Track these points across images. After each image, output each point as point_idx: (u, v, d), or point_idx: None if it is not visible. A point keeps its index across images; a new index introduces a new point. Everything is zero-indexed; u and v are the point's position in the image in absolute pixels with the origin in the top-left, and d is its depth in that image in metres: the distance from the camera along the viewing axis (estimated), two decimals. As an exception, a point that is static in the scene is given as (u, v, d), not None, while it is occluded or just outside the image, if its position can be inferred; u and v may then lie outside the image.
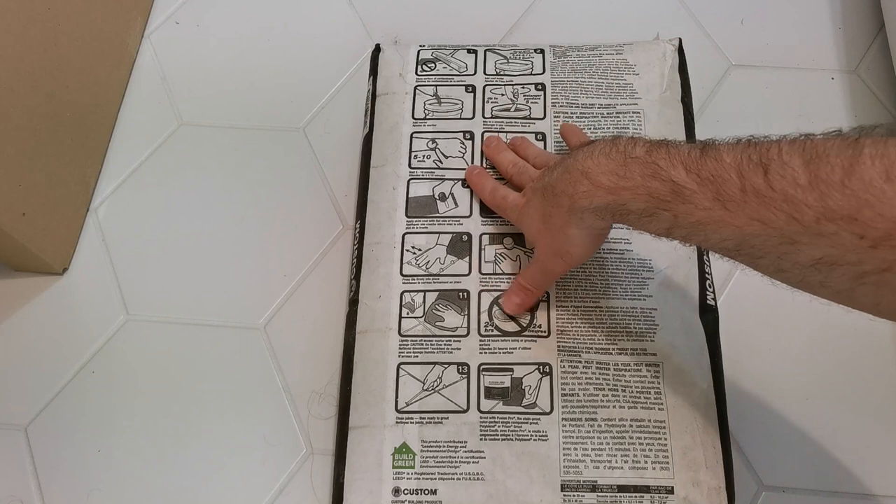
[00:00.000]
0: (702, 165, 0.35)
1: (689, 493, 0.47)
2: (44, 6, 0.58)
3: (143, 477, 0.53)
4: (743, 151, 0.34)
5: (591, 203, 0.41)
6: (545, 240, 0.47)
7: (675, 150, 0.37)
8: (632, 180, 0.38)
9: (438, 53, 0.63)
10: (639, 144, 0.40)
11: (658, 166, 0.37)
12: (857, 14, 0.70)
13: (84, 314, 0.59)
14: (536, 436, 0.49)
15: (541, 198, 0.46)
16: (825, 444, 0.52)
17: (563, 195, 0.43)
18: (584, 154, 0.42)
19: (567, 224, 0.44)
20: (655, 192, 0.37)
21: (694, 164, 0.36)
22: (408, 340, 0.52)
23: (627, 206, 0.39)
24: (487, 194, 0.55)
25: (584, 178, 0.41)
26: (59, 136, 0.60)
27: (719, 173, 0.34)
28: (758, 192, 0.32)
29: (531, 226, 0.48)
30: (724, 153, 0.35)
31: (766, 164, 0.32)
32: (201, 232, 0.62)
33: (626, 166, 0.39)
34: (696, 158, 0.36)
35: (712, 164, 0.35)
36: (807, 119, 0.65)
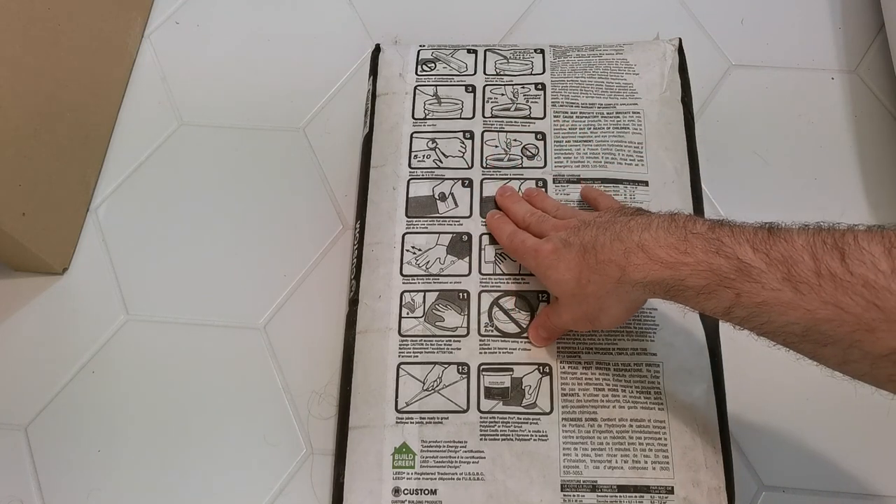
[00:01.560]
0: (771, 245, 0.35)
1: (689, 493, 0.47)
2: (44, 6, 0.58)
3: (143, 477, 0.53)
4: (814, 235, 0.33)
5: (646, 277, 0.39)
6: (577, 303, 0.45)
7: (740, 229, 0.37)
8: (693, 255, 0.37)
9: (438, 53, 0.63)
10: (699, 221, 0.39)
11: (722, 242, 0.36)
12: (857, 14, 0.70)
13: (84, 314, 0.60)
14: (536, 436, 0.49)
15: (578, 257, 0.44)
16: (825, 444, 0.52)
17: (611, 264, 0.41)
18: (640, 225, 0.41)
19: (608, 294, 0.43)
20: (718, 268, 0.36)
21: (762, 243, 0.35)
22: (408, 340, 0.52)
23: (685, 282, 0.37)
24: (506, 237, 0.52)
25: (640, 250, 0.40)
26: (59, 136, 0.60)
27: (790, 254, 0.34)
28: (834, 275, 0.32)
29: (560, 282, 0.45)
30: (795, 235, 0.34)
31: (842, 249, 0.32)
32: (201, 232, 0.62)
33: (686, 241, 0.38)
34: (765, 238, 0.35)
35: (783, 245, 0.34)
36: (807, 119, 0.65)
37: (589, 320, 0.46)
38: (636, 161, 0.57)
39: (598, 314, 0.45)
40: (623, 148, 0.58)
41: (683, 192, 0.57)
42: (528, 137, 0.59)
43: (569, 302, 0.46)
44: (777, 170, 0.63)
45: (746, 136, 0.64)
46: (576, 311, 0.46)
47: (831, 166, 0.63)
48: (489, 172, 0.58)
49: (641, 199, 0.55)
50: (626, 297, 0.43)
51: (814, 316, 0.32)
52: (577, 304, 0.45)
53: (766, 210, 0.61)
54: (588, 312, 0.45)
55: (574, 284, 0.44)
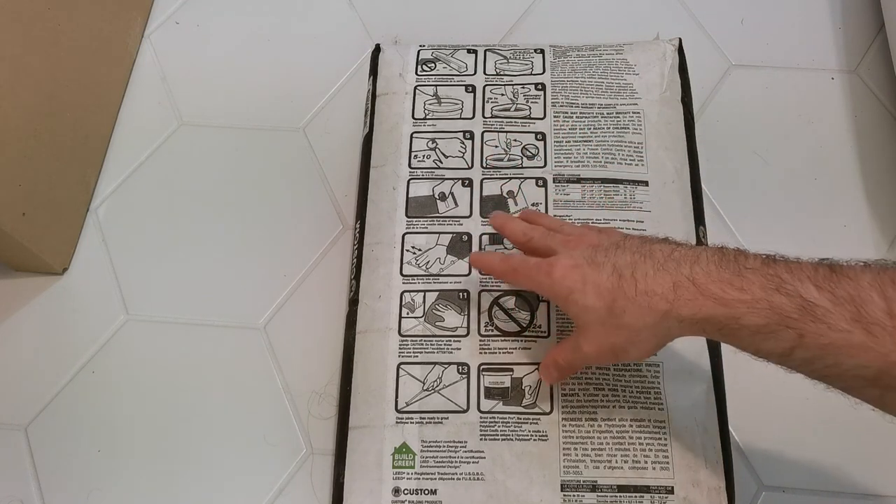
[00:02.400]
0: (835, 283, 0.32)
1: (689, 493, 0.47)
2: (44, 6, 0.58)
3: (143, 477, 0.53)
4: (880, 273, 0.32)
5: (696, 313, 0.36)
6: (606, 333, 0.41)
7: (797, 266, 0.35)
8: (750, 292, 0.35)
9: (438, 53, 0.63)
10: (751, 256, 0.37)
11: (782, 279, 0.34)
12: (857, 14, 0.70)
13: (84, 314, 0.60)
14: (536, 436, 0.49)
15: (612, 282, 0.40)
16: (825, 444, 0.52)
17: (656, 297, 0.38)
18: (688, 258, 0.38)
19: (647, 327, 0.39)
20: (780, 307, 0.34)
21: (825, 280, 0.33)
22: (408, 340, 0.52)
23: (741, 320, 0.35)
24: (498, 262, 0.47)
25: (691, 284, 0.37)
26: (59, 136, 0.60)
27: (858, 293, 0.32)
28: None
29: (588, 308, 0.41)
30: (860, 273, 0.32)
31: None
32: (201, 232, 0.62)
33: (742, 277, 0.36)
34: (827, 275, 0.33)
35: (848, 283, 0.32)
36: (807, 119, 0.65)
37: (615, 353, 0.42)
38: (636, 161, 0.57)
39: (627, 348, 0.41)
40: (623, 148, 0.58)
41: (683, 192, 0.57)
42: (528, 137, 0.59)
43: (596, 332, 0.41)
44: (777, 170, 0.63)
45: (746, 136, 0.64)
46: (603, 343, 0.41)
47: (831, 166, 0.63)
48: (489, 172, 0.58)
49: (641, 198, 0.55)
50: (669, 333, 0.39)
51: (888, 359, 0.31)
52: (607, 334, 0.41)
53: (767, 210, 0.61)
54: (617, 345, 0.41)
55: (606, 312, 0.40)
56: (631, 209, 0.55)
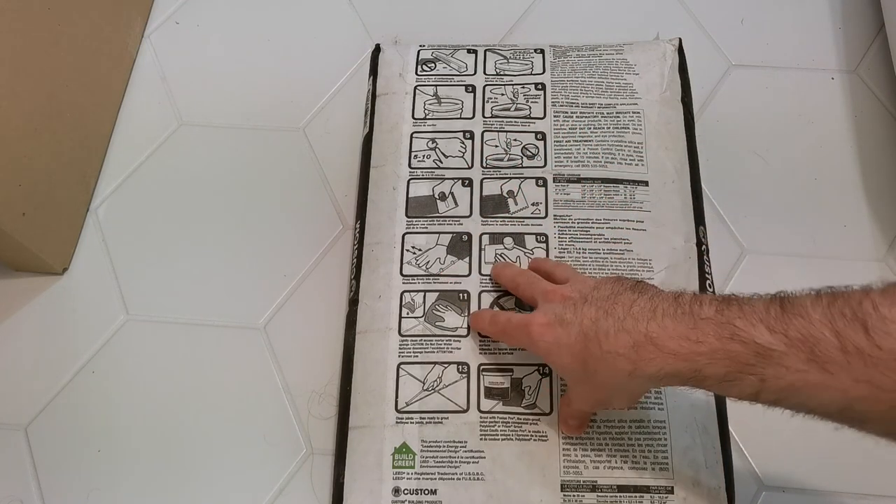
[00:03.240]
0: (787, 324, 0.32)
1: (688, 493, 0.47)
2: (44, 6, 0.58)
3: (143, 477, 0.53)
4: (830, 306, 0.31)
5: (660, 371, 0.37)
6: (587, 390, 0.43)
7: (750, 308, 0.34)
8: (707, 344, 0.35)
9: (438, 53, 0.63)
10: (706, 302, 0.37)
11: (735, 326, 0.34)
12: (857, 14, 0.70)
13: (84, 314, 0.60)
14: (536, 436, 0.49)
15: (579, 342, 0.40)
16: (825, 444, 0.52)
17: (619, 358, 0.38)
18: (644, 313, 0.38)
19: (619, 385, 0.40)
20: (736, 355, 0.34)
21: (777, 322, 0.33)
22: (408, 340, 0.52)
23: (703, 371, 0.35)
24: (488, 324, 0.50)
25: (650, 342, 0.37)
26: (59, 136, 0.60)
27: (810, 332, 0.31)
28: (861, 351, 0.30)
29: (564, 368, 0.43)
30: (810, 309, 0.32)
31: (863, 321, 0.30)
32: (201, 231, 0.62)
33: (697, 328, 0.36)
34: (778, 315, 0.33)
35: (799, 322, 0.32)
36: (807, 119, 0.65)
37: (602, 405, 0.46)
38: (636, 161, 0.57)
39: (611, 400, 0.44)
40: (623, 148, 0.58)
41: (683, 192, 0.57)
42: (528, 137, 0.59)
43: (580, 388, 0.44)
44: (777, 170, 0.63)
45: (746, 136, 0.64)
46: (588, 398, 0.44)
47: (831, 166, 0.63)
48: (489, 172, 0.58)
49: (641, 198, 0.55)
50: (639, 386, 0.41)
51: (847, 395, 0.31)
52: (590, 391, 0.43)
53: (767, 210, 0.61)
54: (601, 399, 0.44)
55: (581, 372, 0.41)
56: (631, 209, 0.55)
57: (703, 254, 0.55)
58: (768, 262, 0.59)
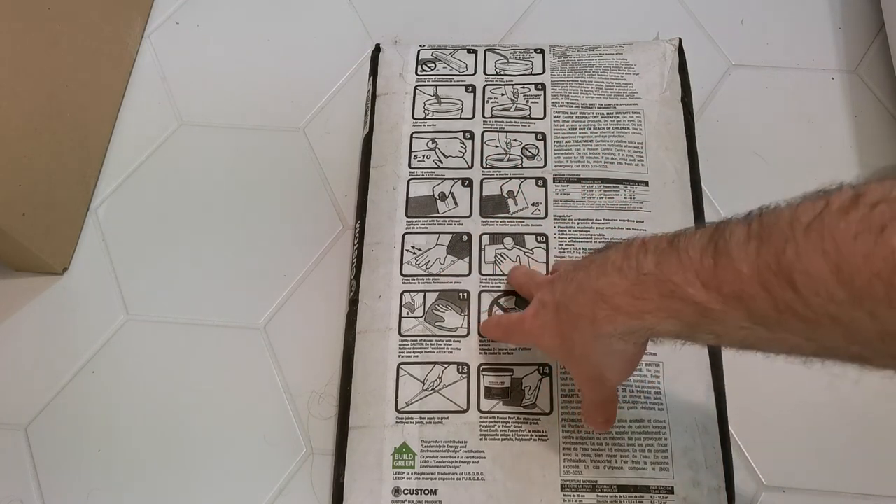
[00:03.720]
0: (720, 279, 0.30)
1: (689, 493, 0.47)
2: (44, 6, 0.58)
3: (143, 477, 0.53)
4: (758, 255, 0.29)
5: (616, 329, 0.35)
6: (574, 368, 0.42)
7: (686, 257, 0.32)
8: (650, 301, 0.33)
9: (438, 53, 0.63)
10: (649, 252, 0.34)
11: (673, 283, 0.32)
12: (857, 14, 0.70)
13: (84, 314, 0.60)
14: (536, 436, 0.49)
15: (554, 316, 0.40)
16: (825, 444, 0.52)
17: (582, 319, 0.37)
18: (598, 269, 0.36)
19: (594, 350, 0.38)
20: (679, 313, 0.32)
21: (711, 277, 0.31)
22: (408, 340, 0.52)
23: (656, 329, 0.34)
24: (493, 327, 0.49)
25: (601, 300, 0.35)
26: (59, 136, 0.60)
27: (743, 289, 0.29)
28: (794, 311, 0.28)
29: (551, 349, 0.42)
30: (740, 261, 0.29)
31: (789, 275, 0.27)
32: (201, 232, 0.62)
33: (640, 284, 0.34)
34: (711, 269, 0.31)
35: (731, 277, 0.30)
36: (807, 119, 0.65)
37: (599, 382, 0.41)
38: (636, 161, 0.57)
39: (600, 374, 0.40)
40: (623, 148, 0.58)
41: (683, 192, 0.57)
42: (528, 137, 0.59)
43: (573, 371, 0.42)
44: (777, 170, 0.63)
45: (746, 136, 0.64)
46: (583, 378, 0.42)
47: (831, 166, 0.63)
48: (489, 172, 0.58)
49: (641, 198, 0.55)
50: (614, 349, 0.38)
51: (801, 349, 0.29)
52: (578, 369, 0.41)
53: (766, 210, 0.61)
54: (591, 375, 0.41)
55: (564, 350, 0.40)
56: (631, 209, 0.55)
57: (703, 254, 0.55)
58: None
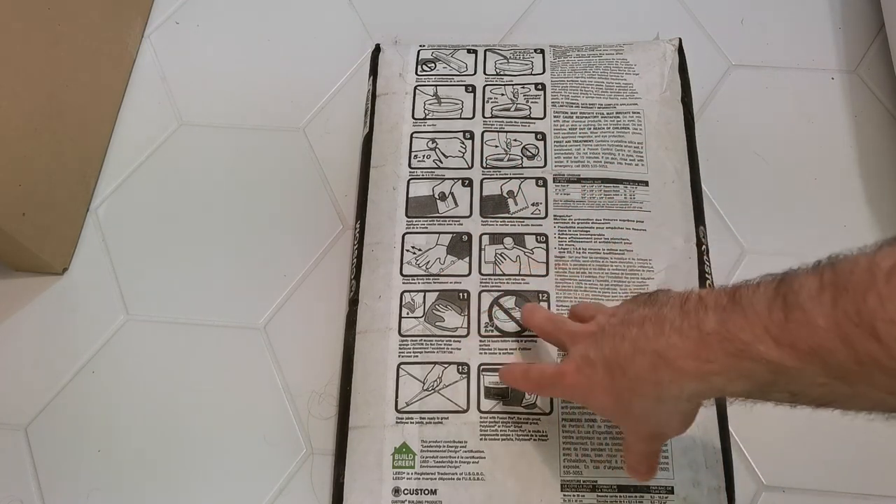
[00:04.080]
0: (794, 334, 0.29)
1: (689, 493, 0.47)
2: (44, 6, 0.58)
3: (143, 477, 0.53)
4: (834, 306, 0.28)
5: (682, 392, 0.34)
6: (630, 426, 0.40)
7: (753, 312, 0.31)
8: (718, 363, 0.32)
9: (438, 53, 0.63)
10: (710, 309, 0.33)
11: (741, 341, 0.31)
12: (857, 14, 0.70)
13: (84, 314, 0.60)
14: (536, 436, 0.49)
15: (606, 376, 0.38)
16: (825, 444, 0.52)
17: (644, 382, 0.35)
18: (654, 329, 0.35)
19: (656, 411, 0.37)
20: (751, 373, 0.31)
21: (782, 332, 0.29)
22: (408, 340, 0.52)
23: (726, 390, 0.33)
24: (520, 378, 0.46)
25: (664, 363, 0.34)
26: (59, 136, 0.60)
27: (819, 343, 0.28)
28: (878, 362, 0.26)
29: (605, 409, 0.40)
30: (814, 313, 0.28)
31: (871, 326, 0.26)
32: (201, 232, 0.62)
33: (704, 344, 0.32)
34: (782, 324, 0.29)
35: (805, 332, 0.29)
36: (807, 119, 0.65)
37: (656, 438, 0.41)
38: (636, 161, 0.57)
39: (661, 429, 0.39)
40: (623, 148, 0.58)
41: (683, 192, 0.57)
42: (528, 137, 0.59)
43: (627, 427, 0.41)
44: (777, 170, 0.63)
45: (746, 136, 0.64)
46: (639, 434, 0.40)
47: (831, 166, 0.63)
48: (489, 172, 0.58)
49: (641, 198, 0.55)
50: (678, 409, 0.37)
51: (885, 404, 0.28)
52: (634, 426, 0.40)
53: (767, 210, 0.61)
54: (651, 432, 0.40)
55: (620, 409, 0.39)
56: (631, 209, 0.55)
57: (703, 254, 0.55)
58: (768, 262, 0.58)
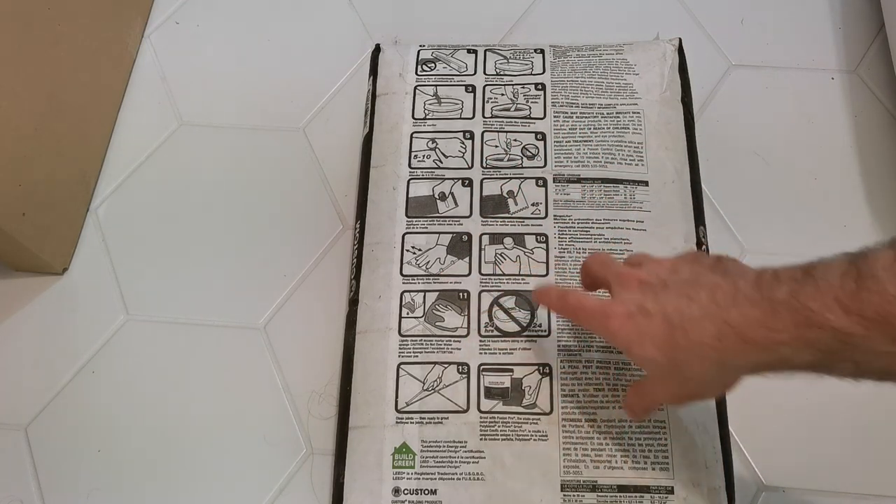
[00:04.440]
0: (863, 302, 0.30)
1: (689, 493, 0.47)
2: (44, 6, 0.58)
3: (143, 477, 0.53)
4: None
5: (746, 360, 0.35)
6: (675, 384, 0.40)
7: (825, 283, 0.32)
8: (786, 332, 0.33)
9: (438, 53, 0.63)
10: (783, 282, 0.34)
11: (810, 310, 0.32)
12: (857, 14, 0.70)
13: (84, 314, 0.60)
14: (536, 436, 0.49)
15: (664, 332, 0.38)
16: (825, 444, 0.52)
17: (705, 347, 0.36)
18: (726, 298, 0.36)
19: (710, 377, 0.38)
20: (818, 342, 0.32)
21: (852, 300, 0.30)
22: (408, 340, 0.52)
23: (791, 360, 0.33)
24: (555, 300, 0.46)
25: (732, 331, 0.35)
26: (59, 136, 0.60)
27: (889, 311, 0.29)
28: None
29: (648, 360, 0.40)
30: (887, 283, 0.29)
31: None
32: (201, 231, 0.62)
33: (774, 313, 0.33)
34: (853, 293, 0.30)
35: (876, 301, 0.30)
36: (807, 119, 0.65)
37: (689, 398, 0.42)
38: (636, 161, 0.57)
39: (700, 392, 0.41)
40: (623, 148, 0.58)
41: (683, 192, 0.57)
42: (528, 137, 0.59)
43: (665, 383, 0.41)
44: (777, 170, 0.63)
45: (746, 136, 0.64)
46: (675, 391, 0.41)
47: (831, 166, 0.63)
48: (489, 172, 0.58)
49: (641, 198, 0.55)
50: (733, 377, 0.38)
51: None
52: (676, 385, 0.40)
53: (767, 210, 0.61)
54: (690, 392, 0.41)
55: (668, 365, 0.38)
56: (631, 209, 0.55)
57: (703, 254, 0.55)
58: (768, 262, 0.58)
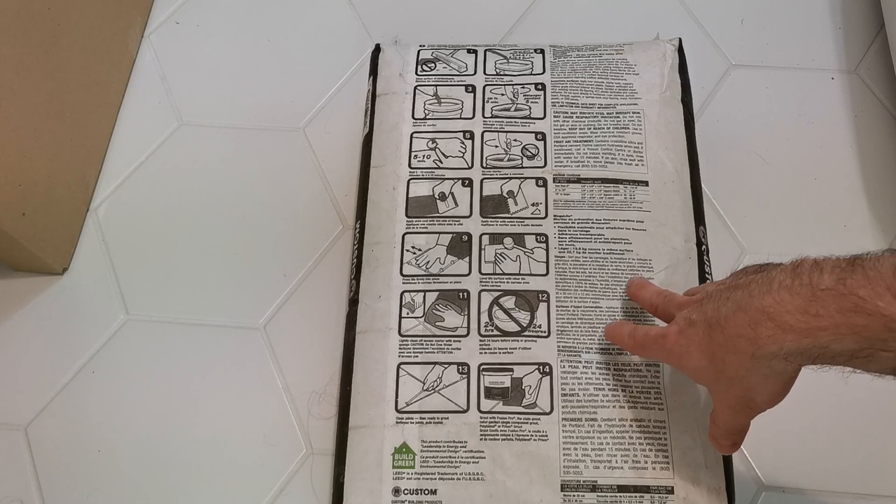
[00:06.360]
0: None
1: (689, 493, 0.47)
2: (44, 6, 0.58)
3: (143, 477, 0.53)
4: None
5: (781, 348, 0.34)
6: (724, 389, 0.40)
7: (875, 273, 0.31)
8: (828, 318, 0.32)
9: (438, 53, 0.63)
10: (826, 271, 0.34)
11: (860, 297, 0.31)
12: (857, 14, 0.70)
13: (84, 314, 0.59)
14: (536, 436, 0.49)
15: (705, 335, 0.38)
16: (825, 444, 0.52)
17: (741, 339, 0.36)
18: (761, 288, 0.36)
19: (749, 372, 0.37)
20: (864, 329, 0.31)
21: None
22: (408, 340, 0.52)
23: (830, 348, 0.33)
24: (627, 338, 0.47)
25: (767, 318, 0.35)
26: (59, 136, 0.60)
27: None
28: None
29: (697, 370, 0.40)
30: None
31: None
32: (201, 232, 0.62)
33: (816, 301, 0.33)
34: None
35: None
36: (807, 119, 0.65)
37: (746, 406, 0.40)
38: (636, 161, 0.57)
39: (750, 397, 0.39)
40: (623, 148, 0.58)
41: (683, 192, 0.57)
42: (528, 137, 0.59)
43: (718, 393, 0.41)
44: (777, 170, 0.63)
45: (746, 136, 0.64)
46: (728, 401, 0.40)
47: (831, 166, 0.63)
48: (489, 172, 0.58)
49: (641, 198, 0.55)
50: (772, 371, 0.37)
51: None
52: (726, 391, 0.40)
53: (767, 210, 0.61)
54: (740, 398, 0.40)
55: (712, 370, 0.39)
56: (631, 209, 0.55)
57: (703, 254, 0.55)
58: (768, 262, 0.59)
